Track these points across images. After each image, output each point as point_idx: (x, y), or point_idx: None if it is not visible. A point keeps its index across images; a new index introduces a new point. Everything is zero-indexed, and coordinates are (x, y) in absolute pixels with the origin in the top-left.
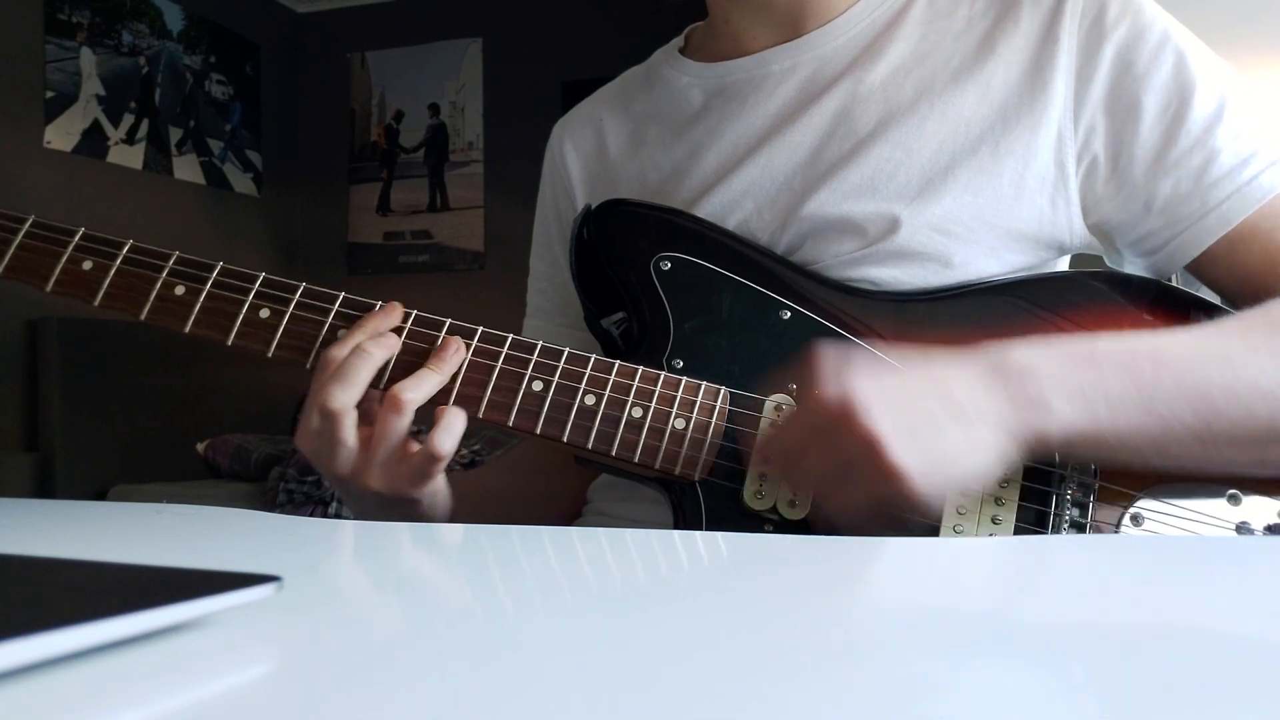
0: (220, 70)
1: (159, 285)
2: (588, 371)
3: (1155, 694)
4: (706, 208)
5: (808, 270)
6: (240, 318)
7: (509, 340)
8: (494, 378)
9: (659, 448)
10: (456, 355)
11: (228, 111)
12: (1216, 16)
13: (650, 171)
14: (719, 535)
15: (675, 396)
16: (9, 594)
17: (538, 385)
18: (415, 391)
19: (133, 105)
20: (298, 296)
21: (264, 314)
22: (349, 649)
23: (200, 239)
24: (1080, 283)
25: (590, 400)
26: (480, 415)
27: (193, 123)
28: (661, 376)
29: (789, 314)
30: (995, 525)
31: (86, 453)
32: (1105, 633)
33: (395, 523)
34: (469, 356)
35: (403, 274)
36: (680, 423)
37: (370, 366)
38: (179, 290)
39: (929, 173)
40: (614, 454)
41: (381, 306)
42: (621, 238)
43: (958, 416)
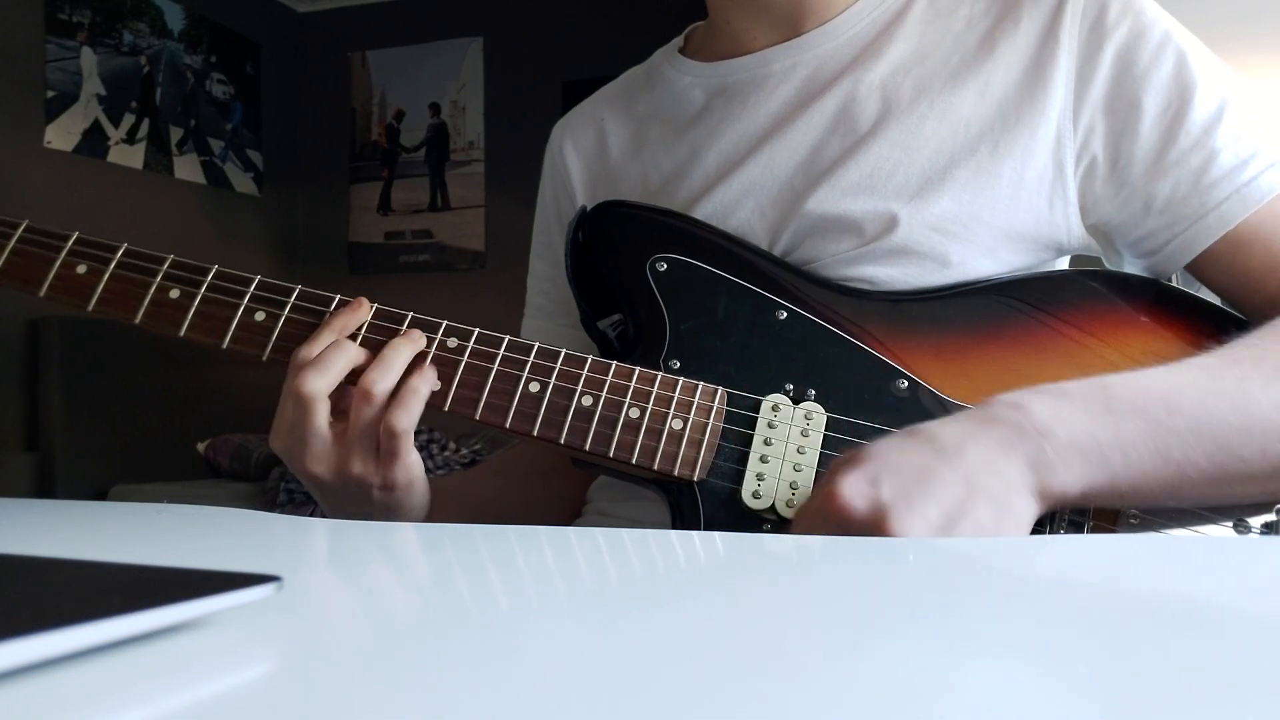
0: (221, 70)
1: (153, 290)
2: (585, 373)
3: (1154, 694)
4: (708, 207)
5: (804, 270)
6: (235, 322)
7: (505, 341)
8: (490, 379)
9: (656, 448)
10: (417, 342)
11: (228, 111)
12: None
13: (652, 172)
14: (717, 535)
15: (672, 397)
16: (9, 594)
17: (535, 387)
18: (384, 381)
19: (133, 105)
20: (293, 300)
21: (259, 317)
22: (349, 649)
23: (201, 239)
24: (1077, 282)
25: (587, 401)
26: (477, 417)
27: (193, 122)
28: (659, 377)
29: (785, 314)
30: None
31: (86, 453)
32: (1104, 633)
33: (395, 523)
34: (465, 360)
35: (403, 273)
36: (678, 423)
37: (346, 357)
38: (173, 294)
39: (928, 172)
40: (611, 455)
41: (349, 303)
42: (617, 239)
43: (982, 493)
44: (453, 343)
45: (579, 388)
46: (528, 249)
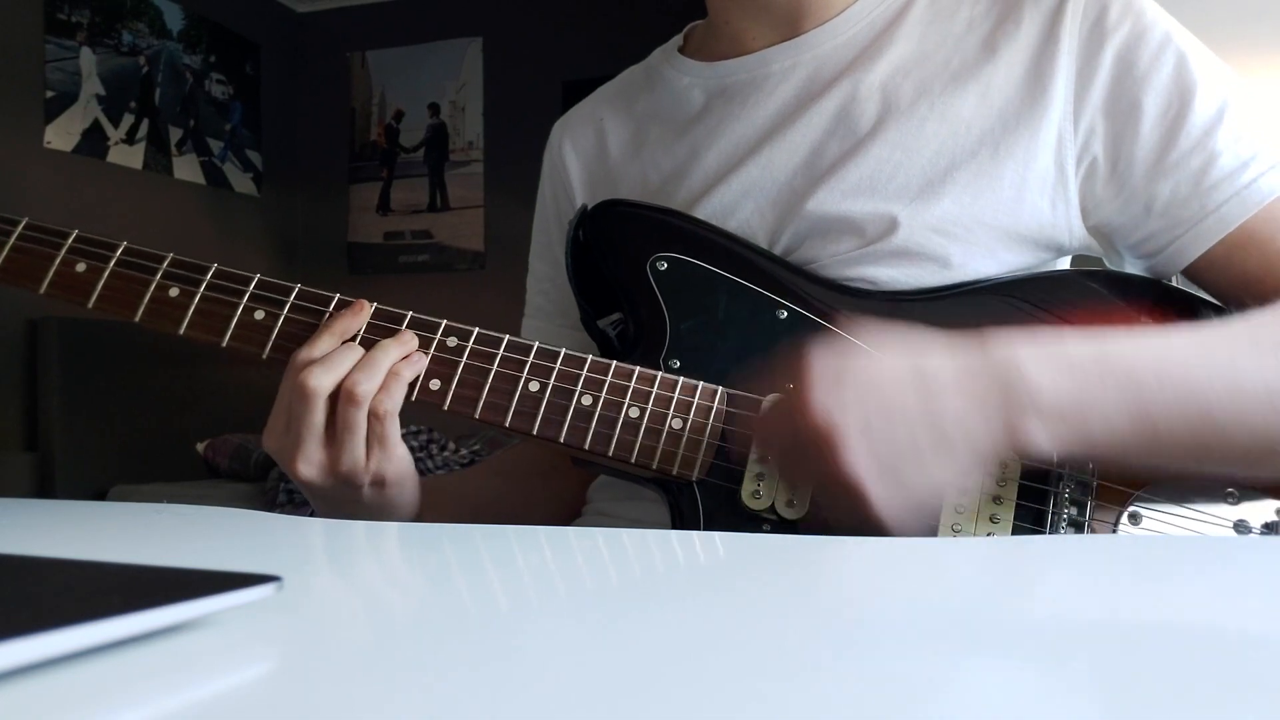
0: (220, 70)
1: (153, 287)
2: (584, 372)
3: (1154, 694)
4: (707, 207)
5: (804, 270)
6: (235, 320)
7: (505, 341)
8: (490, 378)
9: (656, 448)
10: (407, 345)
11: (228, 111)
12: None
13: (651, 172)
14: (716, 535)
15: (672, 397)
16: (9, 594)
17: (534, 386)
18: (368, 383)
19: (133, 105)
20: (292, 299)
21: (259, 316)
22: (349, 649)
23: (200, 239)
24: (1077, 282)
25: (587, 401)
26: (477, 416)
27: (193, 122)
28: (658, 377)
29: (785, 314)
30: (993, 525)
31: (86, 453)
32: (1103, 632)
33: (395, 523)
34: (465, 359)
35: (403, 274)
36: (677, 423)
37: (351, 358)
38: (173, 292)
39: (928, 174)
40: (611, 454)
41: (350, 305)
42: (618, 238)
43: (942, 443)
44: (452, 342)
45: (578, 387)
46: (527, 249)
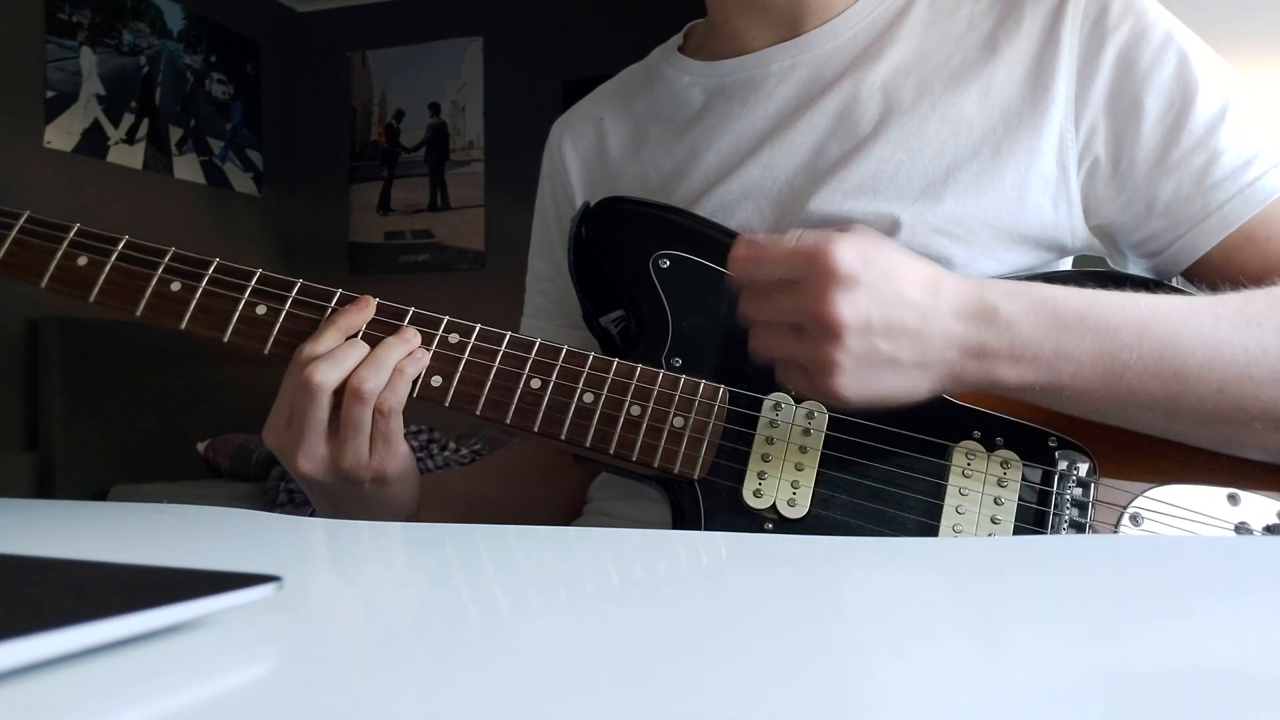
0: (221, 69)
1: (154, 282)
2: (586, 370)
3: (1154, 694)
4: (707, 207)
5: None
6: (236, 315)
7: (507, 338)
8: (492, 375)
9: (657, 446)
10: (410, 342)
11: (228, 111)
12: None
13: (651, 171)
14: (717, 535)
15: (674, 395)
16: (9, 594)
17: (536, 383)
18: (374, 379)
19: (133, 105)
20: (294, 294)
21: (260, 311)
22: (349, 649)
23: (200, 238)
24: (1078, 282)
25: (588, 398)
26: (478, 413)
27: (193, 122)
28: (660, 375)
29: None
30: (994, 525)
31: (86, 453)
32: (1104, 633)
33: (395, 523)
34: (467, 356)
35: (403, 273)
36: (679, 421)
37: (357, 354)
38: (175, 287)
39: (930, 174)
40: (612, 452)
41: (354, 301)
42: (620, 236)
43: (919, 363)
44: (454, 339)
45: (580, 385)
46: (527, 249)
